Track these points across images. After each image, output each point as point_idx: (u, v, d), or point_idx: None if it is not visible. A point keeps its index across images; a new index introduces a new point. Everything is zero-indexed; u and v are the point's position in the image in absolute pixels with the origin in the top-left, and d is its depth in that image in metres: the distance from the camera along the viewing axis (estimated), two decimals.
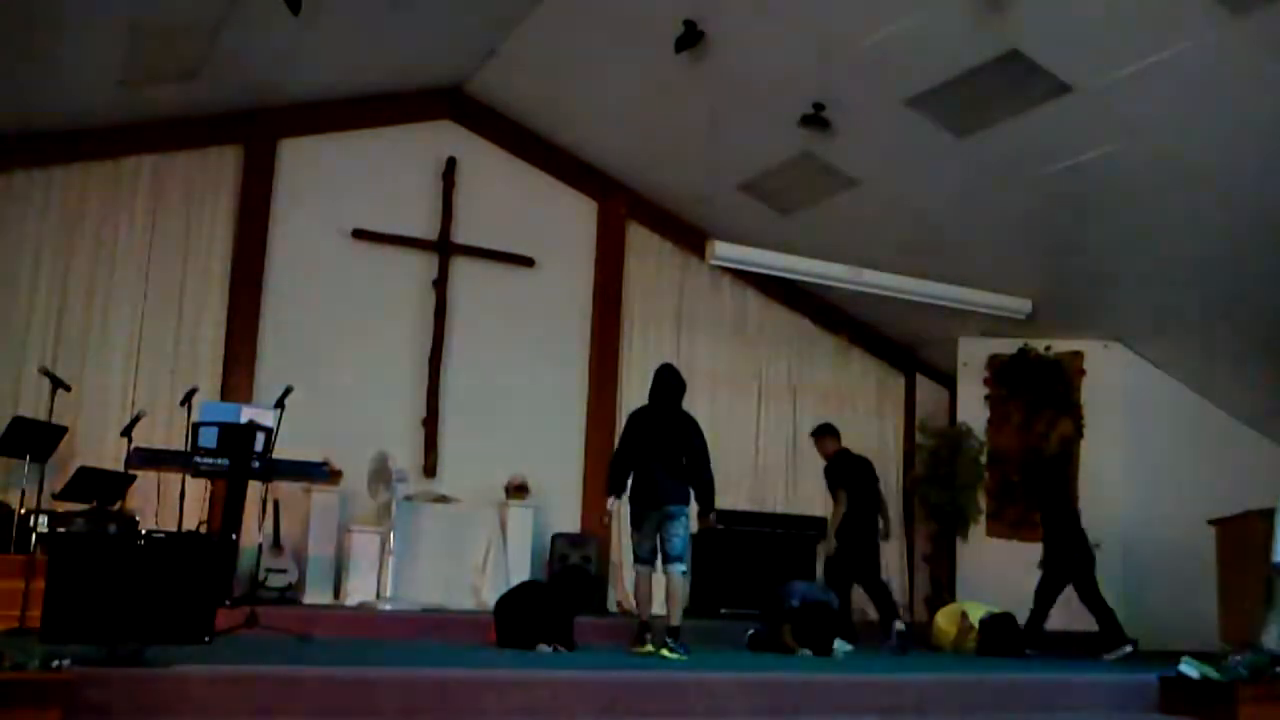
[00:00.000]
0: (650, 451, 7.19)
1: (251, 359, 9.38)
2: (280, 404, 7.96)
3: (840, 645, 7.54)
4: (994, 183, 8.83)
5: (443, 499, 9.34)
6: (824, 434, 9.30)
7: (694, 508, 7.36)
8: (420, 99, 10.16)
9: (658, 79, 8.82)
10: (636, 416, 7.45)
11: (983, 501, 10.85)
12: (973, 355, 11.16)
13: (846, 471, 8.98)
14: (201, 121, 9.40)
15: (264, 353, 9.43)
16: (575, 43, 8.91)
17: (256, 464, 7.56)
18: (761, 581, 8.96)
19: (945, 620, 8.89)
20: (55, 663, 3.99)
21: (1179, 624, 9.32)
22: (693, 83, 8.65)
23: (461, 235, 10.25)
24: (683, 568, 7.11)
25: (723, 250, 9.46)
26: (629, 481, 7.28)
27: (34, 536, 7.57)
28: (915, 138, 8.53)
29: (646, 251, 11.03)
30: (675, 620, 6.97)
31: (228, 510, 7.63)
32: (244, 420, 7.71)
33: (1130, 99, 7.47)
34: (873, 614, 9.04)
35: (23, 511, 7.76)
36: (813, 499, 11.24)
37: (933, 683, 5.91)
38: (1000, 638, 8.54)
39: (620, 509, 7.74)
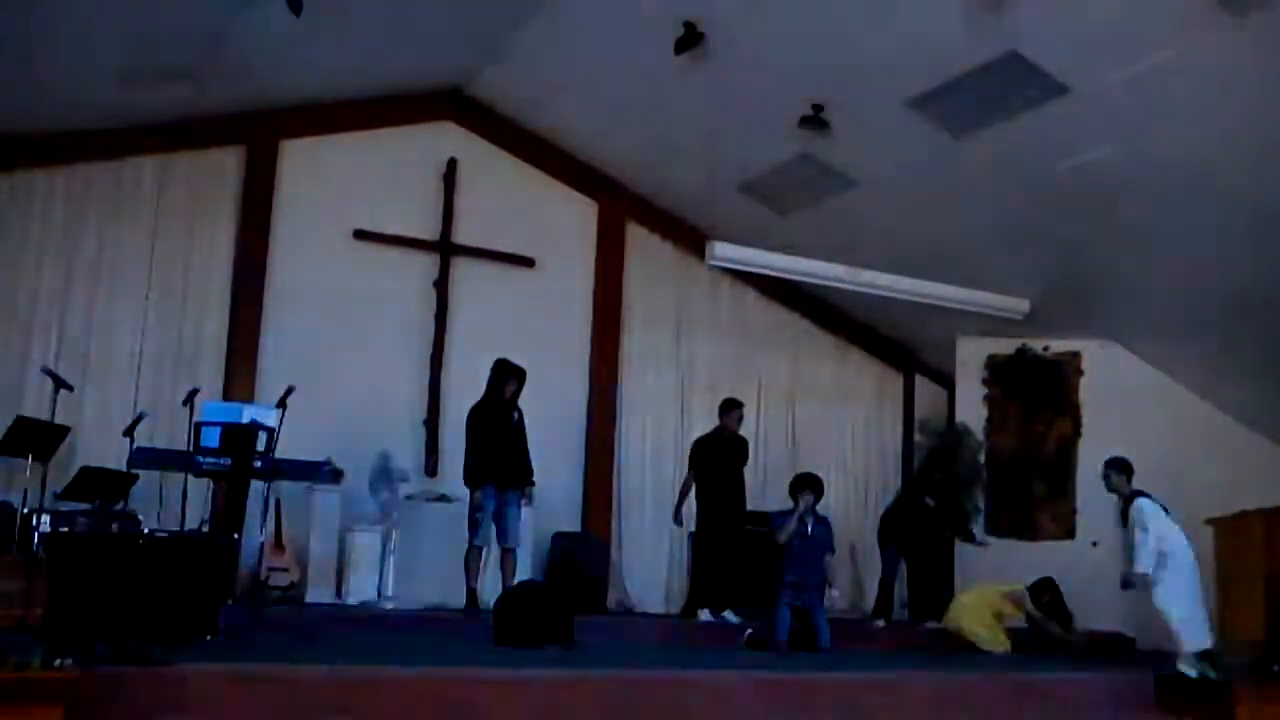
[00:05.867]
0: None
1: (253, 359, 9.40)
2: (282, 404, 7.97)
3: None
4: (993, 183, 8.85)
5: (444, 498, 9.36)
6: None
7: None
8: (421, 100, 10.18)
9: (658, 79, 8.83)
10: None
11: (981, 501, 10.86)
12: (971, 355, 11.17)
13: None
14: (203, 123, 9.42)
15: (266, 353, 9.45)
16: (575, 43, 8.93)
17: (258, 464, 7.57)
18: (762, 582, 8.98)
19: (974, 620, 8.86)
20: (57, 661, 4.00)
21: None
22: (693, 83, 8.67)
23: (462, 236, 10.27)
24: None
25: (723, 250, 9.49)
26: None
27: (36, 536, 7.59)
28: (915, 138, 8.55)
29: (646, 251, 11.05)
30: None
31: (229, 510, 7.64)
32: (246, 420, 7.71)
33: (1130, 99, 7.49)
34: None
35: (25, 511, 7.78)
36: None
37: (933, 682, 5.93)
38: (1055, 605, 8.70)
39: None
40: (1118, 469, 8.13)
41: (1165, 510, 7.81)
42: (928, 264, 9.78)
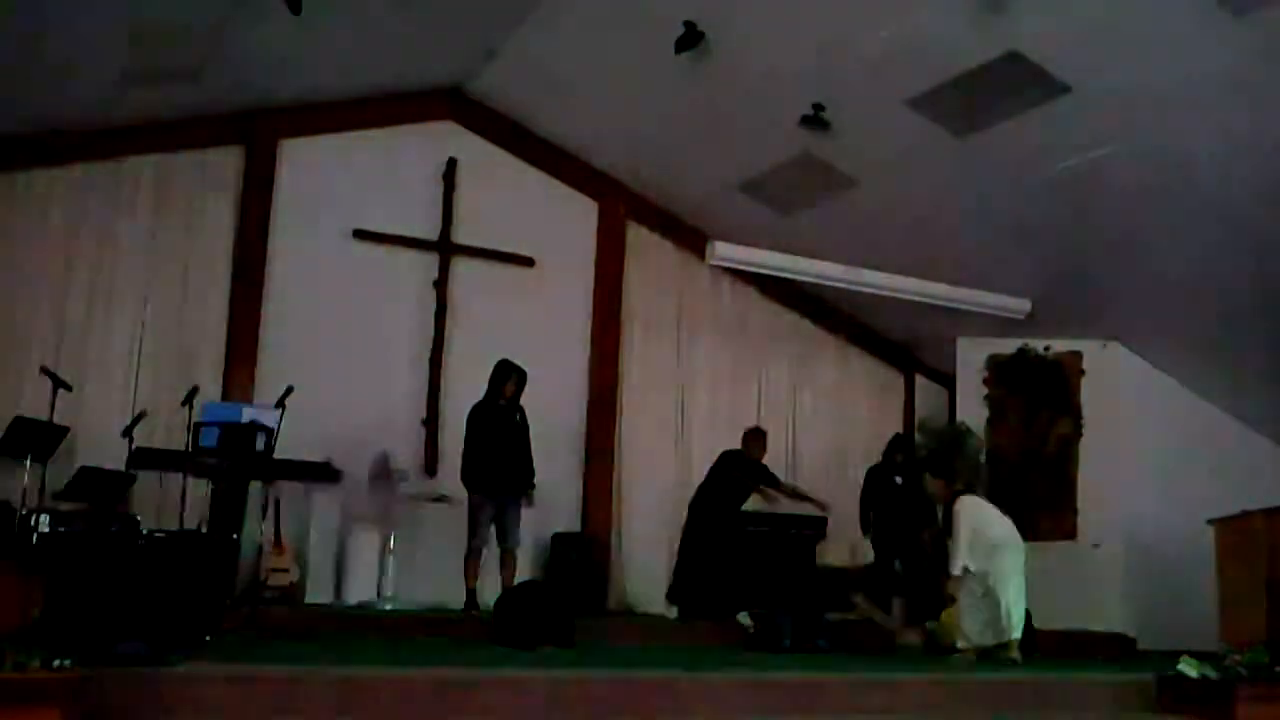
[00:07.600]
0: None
1: (253, 359, 9.39)
2: (281, 404, 7.96)
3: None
4: (993, 183, 8.85)
5: (443, 499, 9.35)
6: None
7: None
8: (421, 99, 10.18)
9: (658, 79, 8.83)
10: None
11: None
12: (972, 355, 11.16)
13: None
14: (203, 122, 9.41)
15: (265, 353, 9.44)
16: (575, 43, 8.92)
17: (258, 464, 7.56)
18: (762, 581, 8.96)
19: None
20: (56, 662, 4.00)
21: (1178, 623, 9.33)
22: (693, 83, 8.66)
23: (462, 235, 10.26)
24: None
25: (723, 250, 9.49)
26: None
27: (35, 536, 7.57)
28: (915, 138, 8.54)
29: (646, 251, 11.04)
30: None
31: (229, 510, 7.64)
32: (245, 420, 7.69)
33: (1130, 100, 7.49)
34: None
35: (24, 511, 7.77)
36: None
37: (933, 683, 5.92)
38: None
39: None
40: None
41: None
42: (928, 264, 9.78)
